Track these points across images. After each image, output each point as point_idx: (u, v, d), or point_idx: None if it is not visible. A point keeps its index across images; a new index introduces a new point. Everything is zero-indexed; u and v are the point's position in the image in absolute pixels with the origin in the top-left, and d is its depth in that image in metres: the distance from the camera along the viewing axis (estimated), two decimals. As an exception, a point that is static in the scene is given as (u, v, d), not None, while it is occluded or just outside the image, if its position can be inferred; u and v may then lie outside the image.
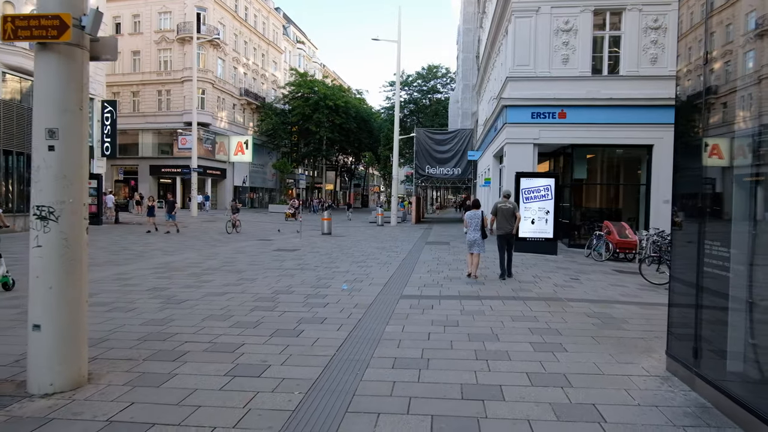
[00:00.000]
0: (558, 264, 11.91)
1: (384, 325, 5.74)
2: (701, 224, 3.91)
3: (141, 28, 42.91)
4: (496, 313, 6.40)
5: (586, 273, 10.45)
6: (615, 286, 8.89)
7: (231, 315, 6.18)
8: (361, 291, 7.91)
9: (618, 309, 6.79)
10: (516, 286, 8.49)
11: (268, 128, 49.54)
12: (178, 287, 8.06)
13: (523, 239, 13.86)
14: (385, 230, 23.56)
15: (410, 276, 9.54)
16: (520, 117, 16.16)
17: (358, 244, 16.09)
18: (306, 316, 6.17)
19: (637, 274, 10.24)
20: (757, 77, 3.49)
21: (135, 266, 10.35)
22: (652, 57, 15.60)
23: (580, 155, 16.76)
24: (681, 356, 3.95)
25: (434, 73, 50.00)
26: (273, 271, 9.99)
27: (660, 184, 15.60)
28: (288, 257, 12.35)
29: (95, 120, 29.52)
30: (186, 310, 6.42)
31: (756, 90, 3.52)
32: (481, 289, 8.21)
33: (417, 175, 31.26)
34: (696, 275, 3.84)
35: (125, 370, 4.21)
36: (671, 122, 14.59)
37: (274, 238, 18.30)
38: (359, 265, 10.96)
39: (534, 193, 13.75)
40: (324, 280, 8.95)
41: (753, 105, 3.57)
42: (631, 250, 13.18)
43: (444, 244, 16.39)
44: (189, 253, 12.86)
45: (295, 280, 8.93)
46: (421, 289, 8.14)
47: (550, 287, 8.46)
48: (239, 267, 10.51)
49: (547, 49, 15.98)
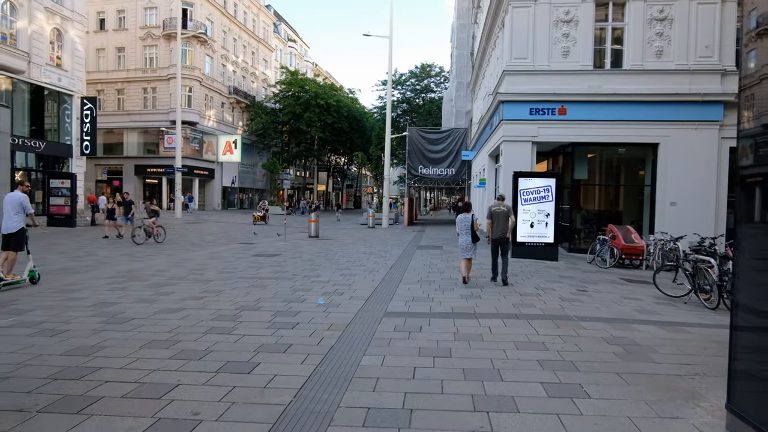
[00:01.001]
0: (560, 272, 10.91)
1: (360, 355, 4.70)
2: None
3: (126, 24, 41.61)
4: (496, 337, 5.36)
5: (593, 283, 9.46)
6: (628, 299, 7.90)
7: (177, 340, 5.12)
8: (339, 306, 6.86)
9: (640, 332, 5.77)
10: (517, 300, 7.47)
11: (258, 127, 48.39)
12: (130, 301, 6.97)
13: (522, 244, 12.87)
14: (375, 233, 22.52)
15: (397, 287, 8.51)
16: (518, 113, 15.17)
17: (345, 249, 15.04)
18: (268, 341, 5.12)
19: (648, 284, 9.27)
20: None
21: (91, 275, 9.23)
22: (658, 50, 14.68)
23: (580, 154, 15.80)
24: (751, 414, 2.94)
25: (428, 72, 49.06)
26: (245, 281, 8.92)
27: (666, 184, 14.67)
28: (266, 264, 11.28)
29: (74, 117, 28.27)
30: (126, 333, 5.35)
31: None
32: (477, 304, 7.19)
33: (410, 176, 30.23)
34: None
35: (4, 430, 3.14)
36: (678, 119, 13.54)
37: (257, 241, 17.21)
38: (342, 274, 9.91)
39: (533, 194, 12.77)
40: (300, 292, 7.90)
41: None
42: (638, 256, 12.22)
43: (436, 249, 15.37)
44: (158, 259, 11.75)
45: (267, 292, 7.86)
46: (408, 304, 7.10)
47: (555, 301, 7.46)
48: (208, 276, 9.42)
49: (546, 41, 15.01)
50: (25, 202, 8.12)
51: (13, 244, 7.99)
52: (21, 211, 8.07)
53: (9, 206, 7.99)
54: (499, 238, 9.12)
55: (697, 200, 14.46)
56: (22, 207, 8.06)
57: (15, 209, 8.00)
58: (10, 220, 7.95)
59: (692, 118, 14.53)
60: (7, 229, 7.94)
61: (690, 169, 14.50)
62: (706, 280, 7.49)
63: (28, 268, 8.03)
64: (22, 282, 7.97)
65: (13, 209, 7.98)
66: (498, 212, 9.29)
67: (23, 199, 8.10)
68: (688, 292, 7.97)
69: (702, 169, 14.49)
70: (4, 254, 7.96)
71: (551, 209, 12.73)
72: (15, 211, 8.00)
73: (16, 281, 7.88)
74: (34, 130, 25.97)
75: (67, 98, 27.91)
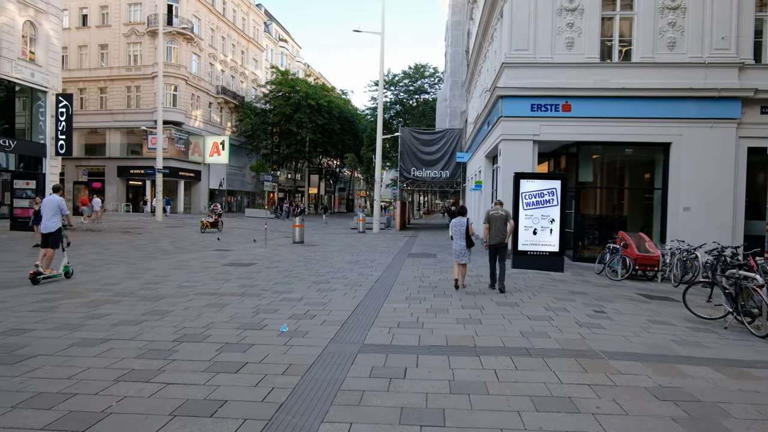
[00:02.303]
0: (569, 285, 9.62)
1: (317, 421, 3.36)
2: None
3: (109, 20, 40.13)
4: (505, 388, 4.03)
5: (609, 300, 8.15)
6: (657, 323, 6.60)
7: (72, 394, 3.75)
8: (306, 336, 5.51)
9: (693, 377, 4.40)
10: (525, 326, 6.15)
11: (247, 128, 46.97)
12: (47, 328, 5.59)
13: (524, 253, 11.58)
14: (365, 238, 21.17)
15: (382, 306, 7.17)
16: (518, 109, 13.91)
17: (329, 256, 13.69)
18: (196, 395, 3.77)
19: (672, 302, 8.04)
20: None
21: (22, 290, 7.82)
22: (670, 41, 13.49)
23: (585, 154, 14.56)
24: None
25: (421, 72, 47.85)
26: (202, 298, 7.56)
27: (680, 188, 13.45)
28: (235, 275, 9.91)
29: (48, 115, 26.73)
30: (13, 380, 3.98)
31: None
32: (477, 331, 5.85)
33: (402, 178, 28.91)
34: None
35: None
36: (692, 116, 12.22)
37: (235, 248, 15.81)
38: (320, 289, 8.56)
39: (536, 197, 11.49)
40: (263, 314, 6.54)
41: None
42: (653, 267, 10.95)
43: (429, 257, 14.05)
44: (115, 270, 10.34)
45: (222, 314, 6.50)
46: (392, 332, 5.75)
47: (572, 328, 6.14)
48: (162, 291, 8.04)
49: (549, 31, 13.79)
50: (62, 205, 8.98)
51: (51, 242, 8.86)
52: (59, 213, 8.92)
53: (48, 209, 8.81)
54: (497, 244, 8.85)
55: (713, 205, 13.25)
56: (59, 209, 8.90)
57: (53, 211, 8.84)
58: (50, 221, 8.80)
59: (707, 115, 13.34)
60: (47, 229, 8.80)
61: (705, 170, 13.30)
62: (752, 302, 6.23)
63: (63, 263, 8.99)
64: (58, 276, 8.94)
65: (51, 211, 8.82)
66: (496, 216, 8.96)
67: (60, 202, 8.95)
68: (725, 314, 6.70)
69: (718, 170, 13.29)
70: (43, 251, 8.82)
71: (556, 214, 11.45)
72: (53, 213, 8.83)
73: (53, 275, 8.83)
74: (5, 128, 24.46)
75: (41, 95, 26.41)
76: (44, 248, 8.84)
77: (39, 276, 8.43)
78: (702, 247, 11.01)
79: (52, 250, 8.86)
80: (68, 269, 9.08)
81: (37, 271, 8.45)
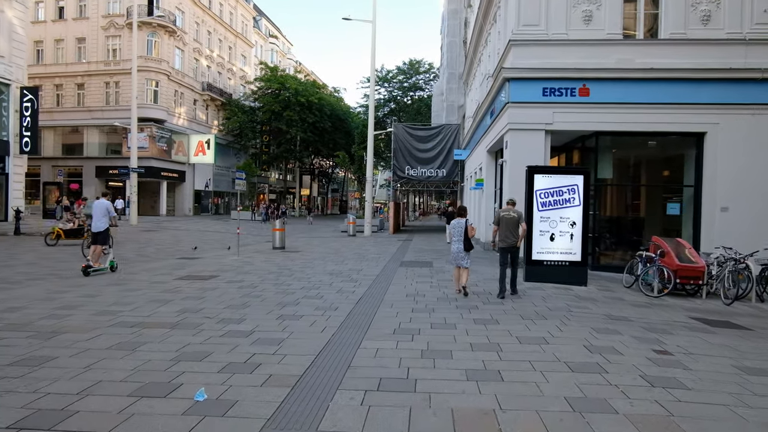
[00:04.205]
0: (601, 307, 7.63)
1: None
2: None
3: (87, 13, 37.95)
4: None
5: (664, 331, 6.15)
6: (749, 373, 4.62)
7: None
8: (229, 412, 3.49)
9: None
10: (571, 387, 4.10)
11: (235, 127, 44.84)
12: None
13: (539, 263, 9.59)
14: (354, 242, 19.16)
15: (359, 346, 5.17)
16: (528, 94, 11.97)
17: (308, 266, 11.69)
18: None
19: (737, 328, 6.13)
20: None
21: None
22: (704, 15, 11.58)
23: (605, 147, 12.63)
24: None
25: (416, 68, 45.88)
26: (117, 332, 5.52)
27: (716, 185, 11.53)
28: (183, 294, 7.88)
29: (12, 110, 24.58)
30: None
31: None
32: (499, 398, 3.85)
33: (395, 177, 26.91)
34: None
35: None
36: (730, 101, 9.69)
37: (203, 256, 13.78)
38: (282, 315, 6.54)
39: (554, 196, 9.52)
40: (184, 363, 4.52)
41: None
42: (697, 280, 9.00)
43: (425, 266, 12.03)
44: (32, 288, 8.29)
45: (126, 363, 4.48)
46: (368, 402, 3.73)
47: (639, 388, 4.11)
48: (69, 321, 6.00)
49: (563, 3, 11.86)
50: (110, 207, 10.07)
51: (100, 239, 10.02)
52: (107, 215, 9.99)
53: (98, 211, 9.97)
54: (510, 247, 8.29)
55: (756, 205, 11.36)
56: (107, 211, 9.98)
57: (102, 213, 9.96)
58: (99, 222, 9.94)
59: (748, 100, 11.44)
60: (97, 228, 9.95)
61: (746, 164, 11.41)
62: None
63: (109, 259, 10.19)
64: (105, 270, 10.01)
65: (101, 213, 9.95)
66: (507, 218, 8.29)
67: (108, 205, 10.06)
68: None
69: (762, 165, 11.39)
70: (93, 247, 10.01)
71: (578, 216, 9.49)
72: (102, 214, 9.96)
73: (101, 268, 9.95)
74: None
75: (3, 88, 24.26)
76: (93, 245, 10.03)
77: (89, 269, 9.62)
78: (754, 255, 9.09)
79: (100, 247, 10.05)
80: (113, 264, 10.21)
81: (88, 264, 9.69)
